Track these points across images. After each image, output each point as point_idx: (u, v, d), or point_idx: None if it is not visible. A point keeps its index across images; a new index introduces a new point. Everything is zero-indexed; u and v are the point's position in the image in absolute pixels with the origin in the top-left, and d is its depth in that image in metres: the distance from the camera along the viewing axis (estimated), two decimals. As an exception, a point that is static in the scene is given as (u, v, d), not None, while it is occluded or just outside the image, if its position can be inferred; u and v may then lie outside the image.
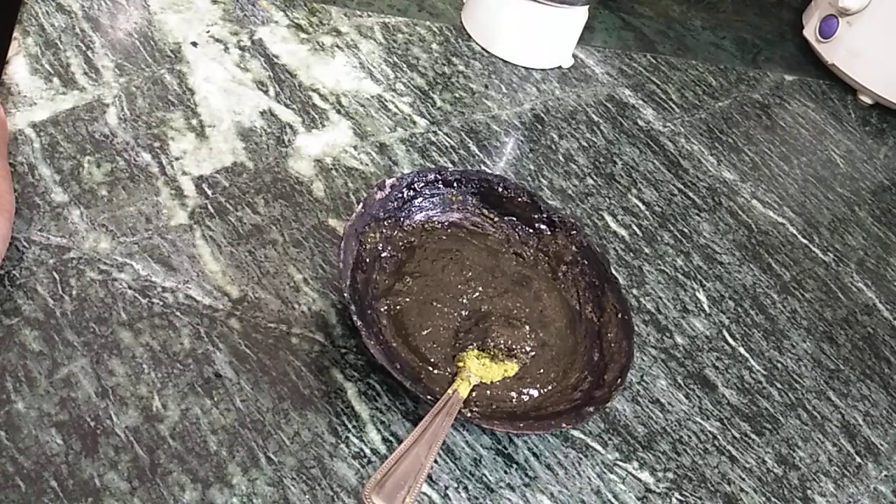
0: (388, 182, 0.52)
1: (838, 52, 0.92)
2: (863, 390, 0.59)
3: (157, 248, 0.48)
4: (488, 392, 0.47)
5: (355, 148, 0.60)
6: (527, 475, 0.45)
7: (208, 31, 0.64)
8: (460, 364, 0.47)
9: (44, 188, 0.48)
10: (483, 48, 0.75)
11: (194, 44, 0.62)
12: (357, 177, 0.58)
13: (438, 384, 0.46)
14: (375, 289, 0.50)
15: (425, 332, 0.48)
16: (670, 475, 0.48)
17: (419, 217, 0.54)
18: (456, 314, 0.50)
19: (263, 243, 0.51)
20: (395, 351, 0.47)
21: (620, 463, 0.48)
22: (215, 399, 0.42)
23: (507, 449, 0.46)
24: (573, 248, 0.55)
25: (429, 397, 0.43)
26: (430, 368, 0.47)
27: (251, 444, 0.41)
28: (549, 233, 0.55)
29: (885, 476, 0.54)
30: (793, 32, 1.02)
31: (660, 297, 0.59)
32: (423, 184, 0.54)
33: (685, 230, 0.66)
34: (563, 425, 0.44)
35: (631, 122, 0.75)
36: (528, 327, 0.50)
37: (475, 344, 0.48)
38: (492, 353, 0.48)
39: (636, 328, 0.55)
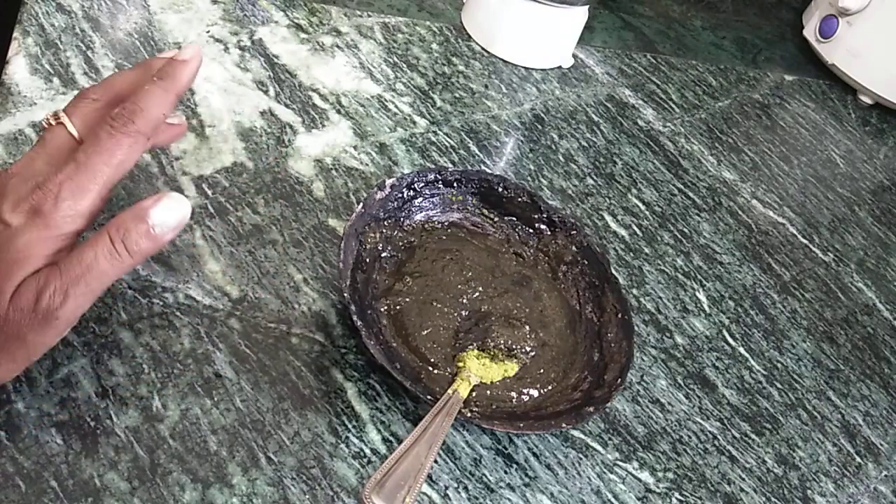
0: (388, 182, 0.52)
1: (838, 52, 0.92)
2: (863, 390, 0.59)
3: (157, 248, 0.48)
4: (488, 392, 0.47)
5: (355, 148, 0.60)
6: (527, 475, 0.45)
7: (208, 31, 0.64)
8: (460, 364, 0.47)
9: (44, 188, 0.48)
10: (483, 48, 0.75)
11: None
12: (357, 177, 0.58)
13: (438, 384, 0.46)
14: (375, 289, 0.50)
15: (425, 332, 0.48)
16: (670, 475, 0.48)
17: (419, 217, 0.54)
18: (456, 314, 0.50)
19: (263, 243, 0.51)
20: (395, 351, 0.47)
21: (620, 463, 0.48)
22: (215, 399, 0.42)
23: (507, 449, 0.46)
24: (573, 248, 0.55)
25: (429, 397, 0.43)
26: (430, 368, 0.47)
27: (251, 444, 0.41)
28: (549, 233, 0.55)
29: (885, 476, 0.54)
30: (793, 32, 1.02)
31: (660, 297, 0.59)
32: (423, 184, 0.54)
33: (685, 230, 0.66)
34: (563, 425, 0.44)
35: (631, 122, 0.75)
36: (528, 327, 0.50)
37: (475, 344, 0.48)
38: (492, 353, 0.48)
39: (636, 328, 0.55)
